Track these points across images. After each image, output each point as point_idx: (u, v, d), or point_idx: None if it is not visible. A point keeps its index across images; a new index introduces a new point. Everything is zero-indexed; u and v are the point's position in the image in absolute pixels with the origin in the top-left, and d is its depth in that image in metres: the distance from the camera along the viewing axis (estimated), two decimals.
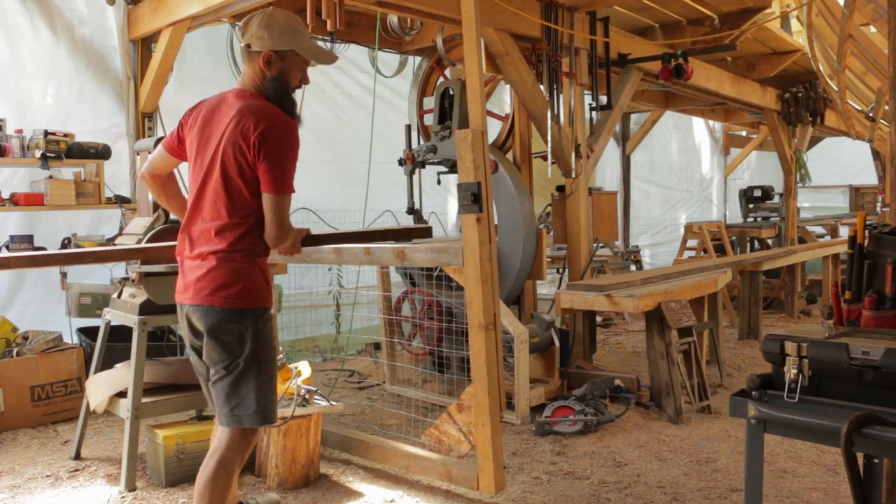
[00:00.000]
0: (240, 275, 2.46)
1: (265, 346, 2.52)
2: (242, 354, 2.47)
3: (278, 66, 2.51)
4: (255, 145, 2.39)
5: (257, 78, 2.53)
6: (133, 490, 3.54)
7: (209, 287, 2.46)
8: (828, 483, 3.61)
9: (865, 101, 6.44)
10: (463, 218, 3.42)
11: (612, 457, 4.00)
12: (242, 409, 2.48)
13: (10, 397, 4.47)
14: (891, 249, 2.46)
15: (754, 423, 2.08)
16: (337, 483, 3.67)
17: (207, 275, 2.47)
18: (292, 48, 2.51)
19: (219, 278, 2.45)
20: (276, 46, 2.49)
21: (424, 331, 5.28)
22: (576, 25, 5.51)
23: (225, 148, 2.46)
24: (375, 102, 5.24)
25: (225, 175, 2.46)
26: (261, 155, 2.39)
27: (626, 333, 7.66)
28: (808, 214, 12.22)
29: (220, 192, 2.47)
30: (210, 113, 2.58)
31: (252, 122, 2.41)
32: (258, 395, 2.48)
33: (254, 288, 2.49)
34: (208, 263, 2.47)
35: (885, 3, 3.16)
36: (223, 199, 2.46)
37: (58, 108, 5.32)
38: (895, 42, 2.77)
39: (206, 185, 2.51)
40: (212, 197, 2.49)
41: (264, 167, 2.40)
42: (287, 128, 2.44)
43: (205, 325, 2.48)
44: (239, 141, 2.41)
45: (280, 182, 2.42)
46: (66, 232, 5.20)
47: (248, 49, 2.50)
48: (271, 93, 2.52)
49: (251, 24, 2.49)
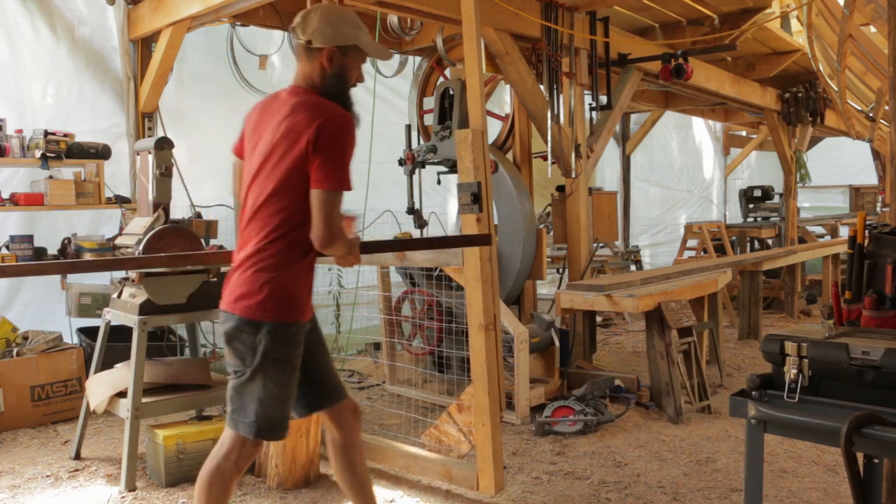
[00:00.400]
0: (266, 284, 2.34)
1: (278, 363, 2.38)
2: (252, 365, 2.37)
3: (340, 62, 2.42)
4: (310, 141, 2.26)
5: (315, 75, 2.42)
6: (133, 490, 3.54)
7: (234, 293, 2.38)
8: (828, 483, 3.61)
9: (865, 101, 6.44)
10: (463, 218, 3.42)
11: (612, 457, 4.00)
12: (240, 416, 2.41)
13: (10, 397, 4.47)
14: (891, 249, 2.46)
15: (754, 423, 2.08)
16: (337, 483, 3.67)
17: (236, 280, 2.40)
18: (355, 44, 2.44)
19: (244, 286, 2.36)
20: (339, 42, 2.40)
21: (424, 331, 5.28)
22: (576, 25, 5.51)
23: (275, 147, 2.35)
24: (375, 102, 5.24)
25: (272, 175, 2.34)
26: (315, 150, 2.27)
27: (626, 333, 7.66)
28: (808, 214, 12.22)
29: (265, 193, 2.36)
30: (262, 111, 2.50)
31: (306, 117, 2.30)
32: (259, 408, 2.38)
33: (278, 300, 2.35)
34: (241, 269, 2.39)
35: (885, 3, 3.16)
36: (268, 201, 2.36)
37: (58, 108, 5.32)
38: (895, 42, 2.77)
39: (253, 186, 2.42)
40: (257, 199, 2.39)
41: (318, 162, 2.27)
42: (344, 121, 2.33)
43: (224, 329, 2.43)
44: (291, 138, 2.30)
45: (333, 178, 2.28)
46: (66, 232, 5.19)
47: (309, 45, 2.39)
48: (332, 89, 2.42)
49: (310, 20, 2.39)
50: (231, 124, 6.68)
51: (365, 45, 2.48)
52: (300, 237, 2.35)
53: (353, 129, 2.34)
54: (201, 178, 5.72)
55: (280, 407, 2.43)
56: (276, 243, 2.34)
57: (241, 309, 2.35)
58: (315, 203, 2.29)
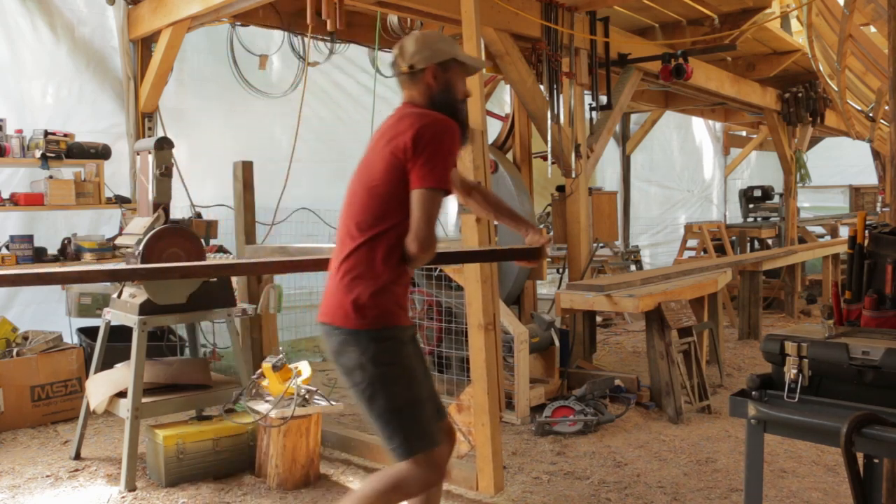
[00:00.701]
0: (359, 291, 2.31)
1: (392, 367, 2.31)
2: (365, 380, 2.30)
3: (443, 78, 2.46)
4: (408, 143, 2.27)
5: (422, 96, 2.46)
6: (133, 490, 3.54)
7: (331, 303, 2.36)
8: (828, 483, 3.61)
9: (865, 101, 6.44)
10: (463, 218, 3.42)
11: (612, 457, 4.00)
12: (390, 443, 2.31)
13: (10, 397, 4.47)
14: (891, 249, 2.46)
15: (754, 423, 2.08)
16: (337, 483, 3.67)
17: (332, 289, 2.38)
18: (453, 57, 2.48)
19: (340, 294, 2.33)
20: (438, 59, 2.44)
21: (424, 331, 5.28)
22: (576, 25, 5.51)
23: (375, 154, 2.38)
24: (375, 102, 5.24)
25: (368, 180, 2.36)
26: (415, 152, 2.27)
27: (626, 333, 7.66)
28: (808, 214, 12.22)
29: (358, 192, 2.38)
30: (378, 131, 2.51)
31: (407, 123, 2.32)
32: (398, 422, 2.30)
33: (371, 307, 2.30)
34: (336, 277, 2.37)
35: (885, 3, 3.16)
36: (360, 197, 2.36)
37: (58, 108, 5.32)
38: (895, 42, 2.77)
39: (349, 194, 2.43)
40: (350, 199, 2.40)
41: (418, 163, 2.27)
42: (444, 124, 2.33)
43: (328, 345, 2.38)
44: (389, 144, 2.32)
45: (433, 176, 2.26)
46: (66, 232, 5.20)
47: (412, 70, 2.43)
48: (441, 105, 2.44)
49: (406, 48, 2.45)
50: (231, 124, 6.75)
51: (462, 58, 2.53)
52: (395, 241, 2.32)
53: (452, 133, 2.34)
54: (201, 178, 5.72)
55: (421, 414, 2.34)
56: (371, 248, 2.32)
57: (341, 320, 2.32)
58: (416, 202, 2.27)
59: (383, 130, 2.41)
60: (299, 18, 5.37)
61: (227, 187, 4.82)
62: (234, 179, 4.64)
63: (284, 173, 4.82)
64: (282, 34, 5.90)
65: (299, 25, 5.48)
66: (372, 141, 2.47)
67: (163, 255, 3.76)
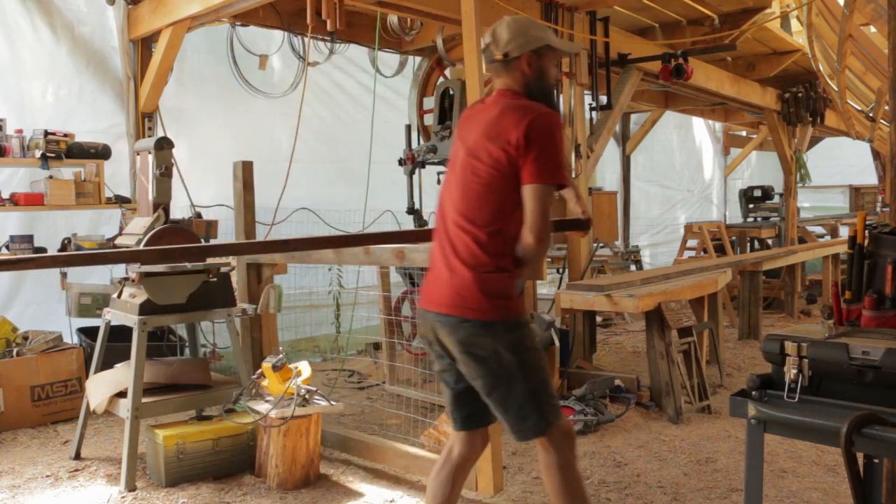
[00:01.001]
0: (487, 284, 2.35)
1: (527, 353, 2.40)
2: (502, 369, 2.36)
3: (537, 64, 2.48)
4: (519, 140, 2.30)
5: (517, 83, 2.48)
6: (133, 490, 3.54)
7: (456, 297, 2.37)
8: (828, 483, 3.61)
9: (865, 101, 6.44)
10: None
11: (612, 457, 4.00)
12: (525, 423, 2.42)
13: (10, 397, 4.47)
14: (891, 249, 2.46)
15: (754, 423, 2.08)
16: (337, 483, 3.67)
17: (453, 283, 2.38)
18: (547, 44, 2.49)
19: (466, 288, 2.35)
20: (533, 46, 2.46)
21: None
22: (576, 25, 5.51)
23: (480, 148, 2.39)
24: (375, 102, 5.24)
25: (479, 177, 2.38)
26: (525, 148, 2.30)
27: (626, 333, 7.66)
28: (808, 214, 12.22)
29: (473, 186, 2.39)
30: (469, 116, 2.56)
31: (514, 118, 2.34)
32: (535, 403, 2.40)
33: (500, 298, 2.36)
34: (454, 270, 2.39)
35: (885, 3, 3.16)
36: (476, 193, 2.39)
37: (58, 108, 5.32)
38: (895, 42, 2.77)
39: (456, 187, 2.46)
40: (463, 193, 2.42)
41: (530, 158, 2.30)
42: (552, 118, 2.37)
43: (456, 338, 2.39)
44: (498, 139, 2.35)
45: (546, 172, 2.30)
46: (66, 232, 5.20)
47: (506, 58, 2.45)
48: (536, 92, 2.47)
49: (500, 35, 2.47)
50: (231, 124, 6.75)
51: (555, 43, 2.54)
52: (509, 236, 2.38)
53: (560, 126, 2.39)
54: (201, 178, 5.72)
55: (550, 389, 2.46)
56: (490, 243, 2.36)
57: (471, 313, 2.35)
58: (529, 197, 2.31)
59: (485, 122, 2.42)
60: (299, 18, 5.37)
61: (227, 187, 4.82)
62: (234, 179, 4.64)
63: (284, 173, 4.82)
64: (282, 34, 5.90)
65: (299, 25, 5.48)
66: (467, 128, 2.51)
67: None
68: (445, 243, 2.45)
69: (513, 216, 2.36)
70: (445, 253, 2.44)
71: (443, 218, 2.50)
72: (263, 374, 3.69)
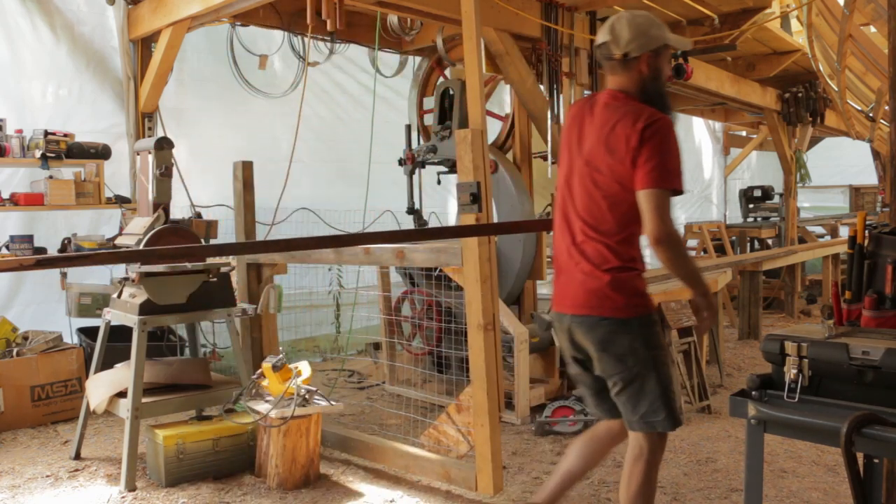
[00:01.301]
0: (621, 284, 2.41)
1: (661, 351, 2.49)
2: (638, 363, 2.44)
3: (655, 64, 2.48)
4: (634, 145, 2.33)
5: (633, 83, 2.48)
6: (133, 490, 3.54)
7: (591, 297, 2.43)
8: (828, 483, 3.61)
9: (865, 101, 6.43)
10: (462, 218, 3.42)
11: (612, 457, 4.00)
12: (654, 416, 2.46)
13: (10, 397, 4.47)
14: (891, 249, 2.46)
15: (754, 423, 2.08)
16: (337, 483, 3.67)
17: (587, 283, 2.44)
18: (665, 43, 2.49)
19: (603, 287, 2.41)
20: (653, 46, 2.46)
21: (424, 331, 5.28)
22: (576, 25, 5.51)
23: (599, 159, 2.42)
24: (375, 102, 5.24)
25: (601, 182, 2.42)
26: (641, 153, 2.32)
27: None
28: (808, 214, 12.21)
29: (596, 199, 2.43)
30: (580, 115, 2.56)
31: (630, 123, 2.36)
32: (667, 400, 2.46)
33: (639, 294, 2.44)
34: (585, 271, 2.45)
35: (885, 3, 3.16)
36: (601, 206, 2.43)
37: (58, 108, 5.32)
38: (895, 42, 2.77)
39: (576, 188, 2.50)
40: (586, 203, 2.46)
41: (644, 163, 2.32)
42: (667, 124, 2.38)
43: (594, 337, 2.46)
44: (616, 151, 2.38)
45: (660, 176, 2.32)
46: (66, 232, 5.19)
47: (626, 58, 2.45)
48: (652, 92, 2.47)
49: (620, 33, 2.45)
50: (231, 124, 6.75)
51: (673, 42, 2.54)
52: (637, 238, 2.45)
53: (674, 131, 2.40)
54: (201, 178, 5.72)
55: (677, 391, 2.59)
56: (620, 248, 2.42)
57: (609, 311, 2.41)
58: (644, 202, 2.33)
59: (600, 129, 2.43)
60: (299, 18, 5.37)
61: (227, 187, 4.82)
62: (234, 179, 4.64)
63: (284, 173, 4.82)
64: (282, 34, 5.89)
65: (299, 25, 5.48)
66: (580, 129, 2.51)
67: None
68: (573, 249, 2.50)
69: (639, 221, 2.39)
70: (575, 258, 2.49)
71: (566, 222, 2.54)
72: (263, 374, 3.69)
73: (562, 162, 2.60)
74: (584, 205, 2.47)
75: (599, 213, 2.43)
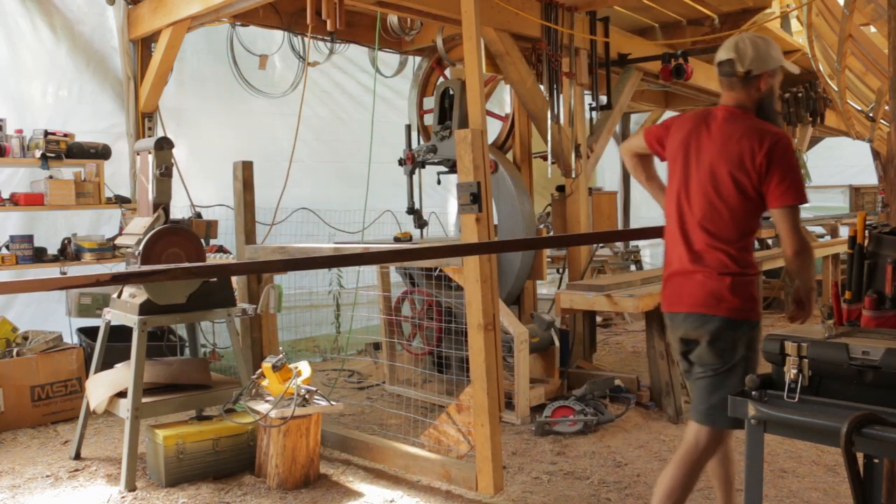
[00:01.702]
0: (741, 288, 2.57)
1: (755, 355, 2.63)
2: (734, 360, 2.59)
3: (769, 83, 2.65)
4: (762, 164, 2.49)
5: (749, 99, 2.65)
6: (133, 490, 3.54)
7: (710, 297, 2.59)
8: (828, 483, 3.61)
9: (865, 101, 6.44)
10: (462, 218, 3.42)
11: (612, 457, 4.00)
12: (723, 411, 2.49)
13: (10, 397, 4.47)
14: (891, 249, 2.46)
15: (754, 423, 2.08)
16: (337, 483, 3.67)
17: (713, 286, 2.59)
18: (780, 65, 2.67)
19: (721, 290, 2.57)
20: (771, 66, 2.64)
21: (424, 331, 5.28)
22: (576, 25, 5.51)
23: (723, 171, 2.57)
24: (375, 102, 5.24)
25: (723, 193, 2.58)
26: (769, 171, 2.49)
27: (626, 333, 7.65)
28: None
29: (718, 209, 2.59)
30: (696, 129, 2.70)
31: (757, 140, 2.52)
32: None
33: (752, 300, 2.60)
34: (705, 273, 2.61)
35: (885, 3, 3.16)
36: (722, 216, 2.59)
37: (58, 108, 5.32)
38: (895, 42, 2.77)
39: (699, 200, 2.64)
40: (706, 212, 2.61)
41: (773, 181, 2.49)
42: (789, 141, 2.55)
43: (705, 330, 2.61)
44: (742, 165, 2.53)
45: (792, 193, 2.50)
46: (66, 232, 5.20)
47: (747, 75, 2.61)
48: (766, 109, 2.66)
49: (745, 52, 2.60)
50: (231, 124, 6.76)
51: (787, 64, 2.72)
52: (751, 244, 2.67)
53: (793, 146, 2.57)
54: (201, 178, 5.72)
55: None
56: (739, 255, 2.60)
57: (724, 311, 2.58)
58: (782, 219, 2.52)
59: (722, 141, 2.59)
60: (299, 18, 5.38)
61: (227, 187, 4.82)
62: (234, 179, 4.64)
63: (284, 173, 4.82)
64: (282, 34, 5.90)
65: (299, 25, 5.48)
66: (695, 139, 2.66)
67: (163, 255, 3.77)
68: (692, 256, 2.65)
69: (755, 229, 2.64)
70: (693, 265, 2.65)
71: (682, 226, 2.69)
72: (263, 374, 3.69)
73: (674, 173, 2.74)
74: (704, 214, 2.62)
75: (721, 222, 2.59)
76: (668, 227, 2.79)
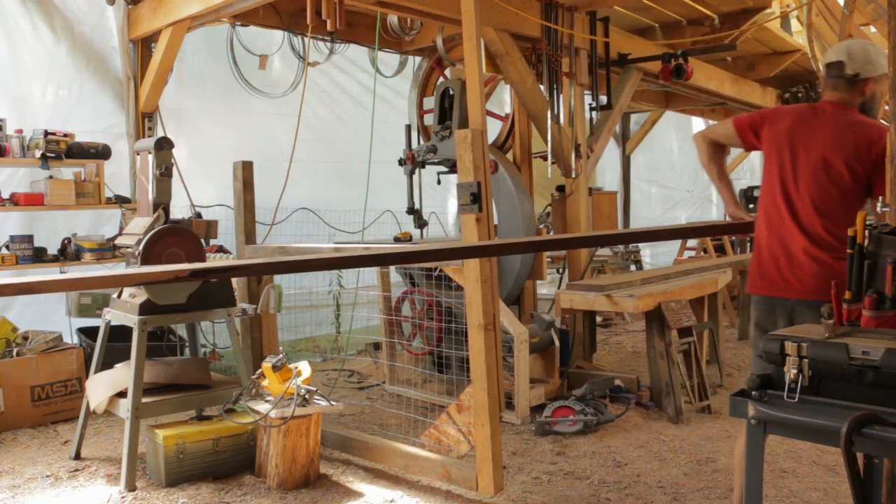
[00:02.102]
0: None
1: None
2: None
3: (874, 89, 2.82)
4: (878, 157, 2.63)
5: (854, 100, 2.81)
6: (133, 490, 3.54)
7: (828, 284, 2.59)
8: (828, 483, 3.61)
9: None
10: (462, 218, 3.42)
11: (612, 457, 4.00)
12: None
13: (10, 397, 4.47)
14: (891, 249, 2.46)
15: (754, 423, 2.08)
16: (337, 483, 3.67)
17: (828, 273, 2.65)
18: (885, 72, 2.73)
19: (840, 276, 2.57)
20: (878, 72, 2.79)
21: (424, 331, 5.28)
22: (576, 25, 5.51)
23: (837, 159, 2.71)
24: (375, 102, 5.24)
25: (840, 185, 2.72)
26: (881, 164, 2.59)
27: (626, 333, 7.66)
28: None
29: (832, 193, 2.72)
30: (804, 119, 2.84)
31: (871, 135, 2.69)
32: None
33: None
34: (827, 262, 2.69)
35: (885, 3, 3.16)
36: (836, 200, 2.72)
37: (58, 108, 5.32)
38: (895, 42, 2.78)
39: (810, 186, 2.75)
40: (821, 198, 2.73)
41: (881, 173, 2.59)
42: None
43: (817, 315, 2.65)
44: (857, 154, 2.68)
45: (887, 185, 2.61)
46: (66, 232, 5.20)
47: (855, 78, 2.78)
48: (868, 111, 2.82)
49: (856, 56, 2.77)
50: (231, 124, 6.76)
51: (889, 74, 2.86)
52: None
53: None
54: (201, 178, 5.72)
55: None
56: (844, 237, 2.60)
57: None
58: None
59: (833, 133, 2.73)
60: (299, 18, 5.38)
61: (227, 187, 4.82)
62: (234, 179, 4.64)
63: (284, 173, 4.83)
64: (282, 34, 5.90)
65: (299, 25, 5.48)
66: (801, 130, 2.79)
67: (163, 255, 3.77)
68: (798, 236, 2.75)
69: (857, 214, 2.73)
70: (803, 245, 2.74)
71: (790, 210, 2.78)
72: (263, 374, 3.69)
73: (776, 160, 2.85)
74: (817, 199, 2.74)
75: (833, 206, 2.72)
76: (767, 212, 2.86)
